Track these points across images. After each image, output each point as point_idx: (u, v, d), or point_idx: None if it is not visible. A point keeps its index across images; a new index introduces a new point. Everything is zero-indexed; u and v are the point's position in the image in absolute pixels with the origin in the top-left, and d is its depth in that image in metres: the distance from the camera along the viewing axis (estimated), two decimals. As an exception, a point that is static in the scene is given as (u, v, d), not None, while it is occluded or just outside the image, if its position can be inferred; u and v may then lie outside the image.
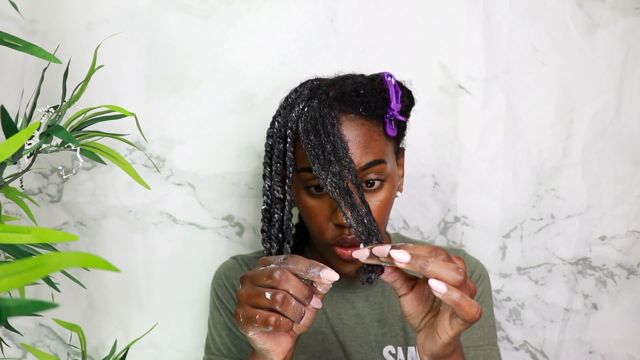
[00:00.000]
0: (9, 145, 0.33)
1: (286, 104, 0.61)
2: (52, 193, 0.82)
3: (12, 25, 0.77)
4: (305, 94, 0.59)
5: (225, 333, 0.69)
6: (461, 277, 0.42)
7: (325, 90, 0.58)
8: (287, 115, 0.58)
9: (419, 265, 0.42)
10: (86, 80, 0.57)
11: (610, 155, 0.90)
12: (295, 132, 0.57)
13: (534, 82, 0.88)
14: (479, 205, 0.89)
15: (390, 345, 0.68)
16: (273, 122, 0.61)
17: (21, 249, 0.49)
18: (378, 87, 0.59)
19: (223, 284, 0.72)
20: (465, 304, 0.42)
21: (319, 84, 0.61)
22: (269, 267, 0.45)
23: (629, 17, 0.88)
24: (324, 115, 0.54)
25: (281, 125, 0.58)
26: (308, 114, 0.55)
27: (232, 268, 0.73)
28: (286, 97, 0.62)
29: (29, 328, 0.83)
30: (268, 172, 0.59)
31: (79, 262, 0.24)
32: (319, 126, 0.53)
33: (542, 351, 0.92)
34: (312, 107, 0.56)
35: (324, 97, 0.56)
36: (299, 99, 0.59)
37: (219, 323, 0.70)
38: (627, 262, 0.91)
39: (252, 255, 0.75)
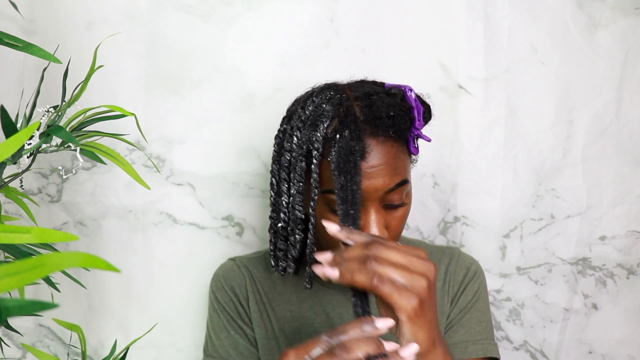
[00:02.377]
0: (9, 145, 0.33)
1: (305, 117, 0.57)
2: (52, 193, 0.82)
3: (12, 25, 0.77)
4: (328, 110, 0.56)
5: (224, 336, 0.69)
6: (375, 282, 0.42)
7: (352, 111, 0.56)
8: (310, 133, 0.55)
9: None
10: (86, 80, 0.57)
11: (610, 155, 0.90)
12: (322, 154, 0.55)
13: (534, 82, 0.88)
14: (479, 205, 0.89)
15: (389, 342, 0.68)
16: (290, 134, 0.57)
17: (21, 249, 0.48)
18: (404, 106, 0.57)
19: (222, 286, 0.71)
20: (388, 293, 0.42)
21: (340, 97, 0.57)
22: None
23: (629, 17, 0.88)
24: (352, 151, 0.53)
25: (303, 143, 0.56)
26: (340, 145, 0.53)
27: (230, 270, 0.72)
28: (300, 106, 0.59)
29: (28, 328, 0.83)
30: (285, 189, 0.57)
31: (79, 262, 0.24)
32: (348, 165, 0.53)
33: (542, 351, 0.92)
34: (344, 138, 0.54)
35: (354, 127, 0.54)
36: (323, 116, 0.55)
37: (217, 326, 0.70)
38: (627, 262, 0.91)
39: (250, 256, 0.75)
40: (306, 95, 0.61)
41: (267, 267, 0.72)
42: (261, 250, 0.76)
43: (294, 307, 0.69)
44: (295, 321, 0.68)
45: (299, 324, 0.68)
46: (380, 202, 0.56)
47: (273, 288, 0.70)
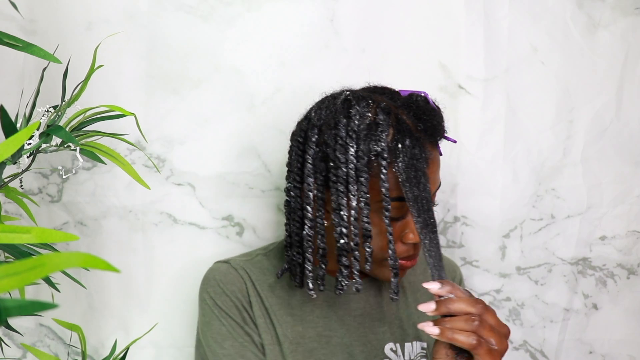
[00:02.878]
0: (9, 145, 0.33)
1: (355, 127, 0.56)
2: (52, 193, 0.82)
3: (12, 25, 0.77)
4: (383, 119, 0.56)
5: (229, 344, 0.64)
6: (474, 342, 0.48)
7: (402, 119, 0.57)
8: (370, 144, 0.56)
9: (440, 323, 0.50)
10: (86, 80, 0.57)
11: (610, 155, 0.90)
12: (386, 166, 0.55)
13: (534, 82, 0.88)
14: (479, 205, 0.89)
15: (390, 342, 0.68)
16: (343, 145, 0.56)
17: (21, 249, 0.49)
18: (439, 112, 0.61)
19: (222, 291, 0.67)
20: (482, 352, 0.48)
21: (385, 107, 0.58)
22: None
23: (629, 17, 0.88)
24: (418, 160, 0.56)
25: (364, 154, 0.56)
26: (406, 156, 0.56)
27: (227, 274, 0.68)
28: (343, 115, 0.58)
29: (29, 328, 0.83)
30: (345, 203, 0.56)
31: (79, 262, 0.24)
32: (418, 175, 0.56)
33: (542, 351, 0.92)
34: (406, 147, 0.56)
35: (412, 136, 0.57)
36: (380, 126, 0.56)
37: (219, 334, 0.65)
38: (627, 262, 0.91)
39: (243, 259, 0.71)
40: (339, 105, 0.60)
41: (262, 271, 0.69)
42: (250, 253, 0.74)
43: (295, 310, 0.67)
44: (298, 325, 0.66)
45: (302, 327, 0.66)
46: None
47: (271, 292, 0.68)
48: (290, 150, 0.65)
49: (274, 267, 0.70)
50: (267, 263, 0.70)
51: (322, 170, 0.59)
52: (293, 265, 0.64)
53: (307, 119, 0.63)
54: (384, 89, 0.64)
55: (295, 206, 0.62)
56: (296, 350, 0.65)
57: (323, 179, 0.59)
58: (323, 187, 0.60)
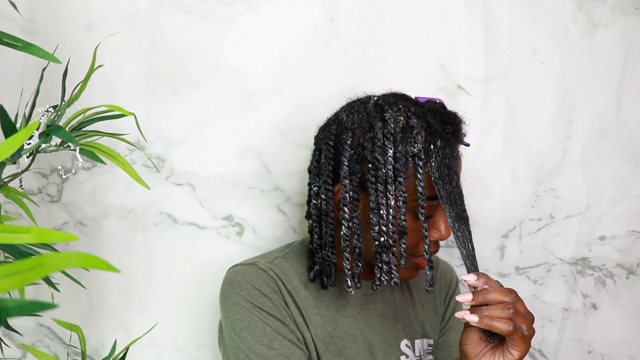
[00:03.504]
0: (9, 145, 0.33)
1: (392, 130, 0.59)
2: (52, 193, 0.82)
3: (12, 25, 0.77)
4: (416, 122, 0.60)
5: (278, 344, 0.62)
6: (511, 328, 0.52)
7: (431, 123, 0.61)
8: (407, 145, 0.59)
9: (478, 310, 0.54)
10: (85, 79, 0.57)
11: (610, 155, 0.90)
12: (422, 166, 0.59)
13: (533, 82, 0.88)
14: (478, 205, 0.89)
15: (405, 339, 0.72)
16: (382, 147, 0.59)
17: (21, 249, 0.49)
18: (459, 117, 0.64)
19: (259, 292, 0.65)
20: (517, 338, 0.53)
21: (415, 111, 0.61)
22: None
23: (629, 17, 0.88)
24: (449, 159, 0.60)
25: (402, 155, 0.59)
26: (438, 156, 0.59)
27: (258, 275, 0.66)
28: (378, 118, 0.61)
29: (28, 328, 0.83)
30: (384, 202, 0.59)
31: (79, 262, 0.24)
32: (450, 172, 0.59)
33: (541, 350, 0.92)
34: (438, 148, 0.59)
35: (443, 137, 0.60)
36: (414, 129, 0.59)
37: (265, 335, 0.62)
38: (626, 262, 0.91)
39: (265, 261, 0.69)
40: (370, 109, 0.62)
41: (284, 272, 0.68)
42: (266, 255, 0.72)
43: (322, 311, 0.68)
44: (327, 325, 0.67)
45: (331, 327, 0.68)
46: None
47: (297, 293, 0.68)
48: (318, 154, 0.66)
49: (294, 270, 0.70)
50: (287, 265, 0.70)
51: (357, 172, 0.61)
52: (327, 266, 0.66)
53: (337, 122, 0.64)
54: (404, 95, 0.67)
55: (328, 208, 0.64)
56: (327, 350, 0.67)
57: (358, 180, 0.61)
58: (358, 188, 0.61)
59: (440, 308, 0.78)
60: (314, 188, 0.65)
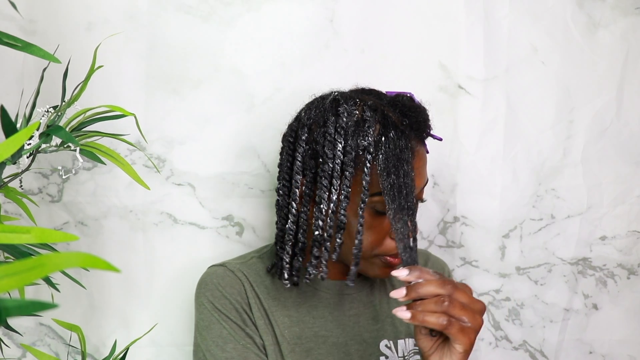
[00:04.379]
0: (9, 145, 0.33)
1: (343, 124, 0.59)
2: (53, 193, 0.82)
3: (12, 25, 0.77)
4: (370, 116, 0.58)
5: (231, 347, 0.64)
6: (445, 322, 0.49)
7: (388, 116, 0.59)
8: (358, 139, 0.58)
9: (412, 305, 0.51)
10: (86, 80, 0.57)
11: (610, 155, 0.90)
12: (370, 160, 0.58)
13: (534, 82, 0.88)
14: (479, 205, 0.89)
15: (385, 339, 0.70)
16: (332, 141, 0.58)
17: (21, 249, 0.49)
18: (425, 110, 0.63)
19: (221, 294, 0.66)
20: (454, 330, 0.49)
21: (372, 104, 0.60)
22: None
23: (629, 17, 0.88)
24: (402, 151, 0.57)
25: (352, 149, 0.58)
26: (387, 147, 0.57)
27: (225, 277, 0.68)
28: (332, 113, 0.60)
29: (29, 327, 0.83)
30: (326, 197, 0.58)
31: (79, 262, 0.24)
32: (398, 164, 0.57)
33: (542, 351, 0.92)
34: (390, 141, 0.57)
35: (398, 130, 0.58)
36: (367, 122, 0.58)
37: (220, 337, 0.64)
38: (627, 262, 0.91)
39: (238, 262, 0.71)
40: (328, 104, 0.62)
41: (258, 273, 0.70)
42: (244, 256, 0.74)
43: (291, 312, 0.68)
44: (295, 326, 0.67)
45: (299, 328, 0.67)
46: None
47: (267, 294, 0.68)
48: (282, 151, 0.66)
49: (267, 269, 0.71)
50: (261, 265, 0.71)
51: (312, 168, 0.61)
52: (278, 260, 0.66)
53: (297, 119, 0.65)
54: (371, 90, 0.66)
55: (283, 203, 0.64)
56: (294, 351, 0.66)
57: (312, 176, 0.61)
58: (312, 184, 0.61)
59: None
60: (277, 184, 0.66)
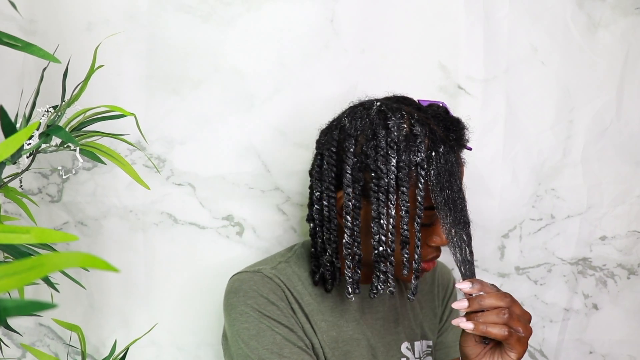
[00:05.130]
0: (8, 145, 0.33)
1: (396, 138, 0.59)
2: (53, 193, 0.82)
3: (12, 25, 0.77)
4: (420, 130, 0.59)
5: (288, 351, 0.62)
6: (506, 333, 0.53)
7: (434, 129, 0.60)
8: (411, 154, 0.59)
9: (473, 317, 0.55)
10: (86, 80, 0.57)
11: (610, 155, 0.90)
12: (424, 175, 0.58)
13: (534, 82, 0.88)
14: (478, 205, 0.89)
15: (405, 341, 0.72)
16: (385, 156, 0.59)
17: (20, 249, 0.49)
18: (462, 122, 0.64)
19: (266, 300, 0.64)
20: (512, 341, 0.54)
21: (419, 118, 0.60)
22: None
23: (629, 17, 0.88)
24: (453, 165, 0.59)
25: (405, 165, 0.58)
26: (439, 162, 0.58)
27: (264, 283, 0.66)
28: (381, 126, 0.60)
29: (28, 327, 0.83)
30: (385, 212, 0.59)
31: (78, 262, 0.24)
32: (452, 179, 0.59)
33: (541, 350, 0.92)
34: (440, 155, 0.59)
35: (450, 145, 0.60)
36: (418, 137, 0.59)
37: (274, 344, 0.62)
38: (627, 262, 0.91)
39: (270, 267, 0.69)
40: (373, 116, 0.61)
41: (289, 279, 0.68)
42: (268, 260, 0.72)
43: (327, 316, 0.68)
44: (332, 330, 0.68)
45: (335, 332, 0.68)
46: None
47: (302, 299, 0.68)
48: (320, 159, 0.65)
49: (297, 275, 0.69)
50: (290, 271, 0.70)
51: (360, 180, 0.60)
52: (328, 271, 0.66)
53: (340, 128, 0.63)
54: (405, 98, 0.66)
55: (331, 215, 0.63)
56: (334, 355, 0.67)
57: (361, 188, 0.61)
58: (360, 196, 0.61)
59: (438, 310, 0.78)
60: (316, 193, 0.64)
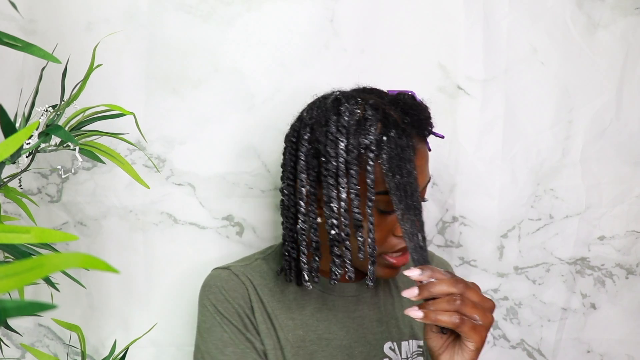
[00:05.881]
0: (8, 145, 0.33)
1: (345, 123, 0.58)
2: (52, 193, 0.82)
3: (12, 25, 0.77)
4: (371, 114, 0.58)
5: (230, 350, 0.64)
6: (457, 321, 0.49)
7: (390, 114, 0.59)
8: (360, 138, 0.58)
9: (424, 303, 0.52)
10: (85, 79, 0.57)
11: (609, 155, 0.90)
12: (373, 158, 0.57)
13: (533, 83, 0.88)
14: (477, 205, 0.89)
15: (389, 341, 0.70)
16: (334, 140, 0.58)
17: (20, 249, 0.49)
18: (427, 108, 0.63)
19: (224, 298, 0.67)
20: (466, 329, 0.50)
21: (373, 103, 0.60)
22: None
23: (629, 17, 0.88)
24: (404, 150, 0.57)
25: (354, 148, 0.58)
26: (390, 146, 0.57)
27: (229, 280, 0.68)
28: (333, 113, 0.60)
29: (28, 328, 0.83)
30: (335, 195, 0.58)
31: (78, 262, 0.24)
32: (402, 164, 0.56)
33: (539, 350, 0.92)
34: (392, 139, 0.57)
35: (400, 128, 0.58)
36: (369, 121, 0.58)
37: (220, 340, 0.65)
38: (626, 262, 0.91)
39: (243, 264, 0.71)
40: (329, 104, 0.62)
41: (262, 275, 0.70)
42: (248, 257, 0.74)
43: (295, 314, 0.68)
44: (299, 329, 0.67)
45: (303, 331, 0.67)
46: None
47: (272, 296, 0.68)
48: (284, 151, 0.66)
49: (272, 271, 0.71)
50: (266, 267, 0.71)
51: (315, 167, 0.61)
52: (287, 261, 0.66)
53: (299, 119, 0.65)
54: (372, 89, 0.66)
55: (289, 203, 0.64)
56: (297, 354, 0.66)
57: (315, 175, 0.61)
58: (315, 183, 0.61)
59: None
60: (282, 184, 0.66)
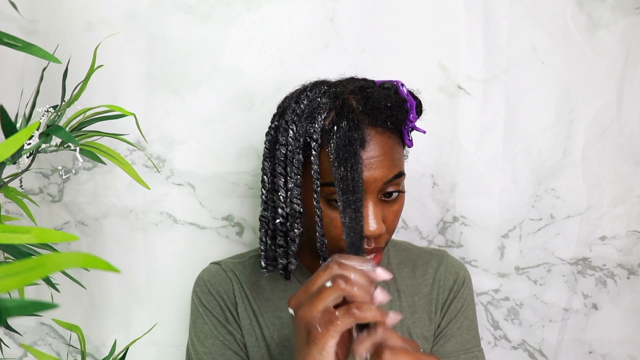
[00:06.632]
0: (9, 145, 0.33)
1: (300, 111, 0.56)
2: (53, 193, 0.82)
3: (12, 25, 0.77)
4: (325, 102, 0.55)
5: (210, 342, 0.65)
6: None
7: (348, 102, 0.56)
8: (307, 125, 0.55)
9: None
10: (86, 79, 0.58)
11: (610, 155, 0.90)
12: (321, 146, 0.54)
13: (533, 82, 0.88)
14: (478, 205, 0.89)
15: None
16: (285, 128, 0.56)
17: (21, 249, 0.49)
18: (399, 98, 0.58)
19: (208, 290, 0.68)
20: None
21: (335, 91, 0.57)
22: (321, 269, 0.46)
23: (629, 17, 0.88)
24: (351, 142, 0.53)
25: (300, 135, 0.55)
26: (338, 135, 0.53)
27: (216, 275, 0.69)
28: (294, 101, 0.58)
29: (29, 327, 0.83)
30: (282, 183, 0.56)
31: (79, 262, 0.24)
32: (346, 156, 0.53)
33: (541, 350, 0.92)
34: (342, 129, 0.53)
35: (352, 118, 0.54)
36: (320, 109, 0.55)
37: (202, 332, 0.66)
38: (627, 262, 0.91)
39: (235, 261, 0.72)
40: (298, 91, 0.61)
41: (254, 272, 0.69)
42: (243, 254, 0.74)
43: (283, 313, 0.67)
44: (285, 328, 0.66)
45: (289, 331, 0.66)
46: (378, 195, 0.56)
47: (260, 294, 0.68)
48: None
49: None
50: (258, 264, 0.70)
51: (273, 155, 0.60)
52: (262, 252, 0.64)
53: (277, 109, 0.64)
54: (360, 79, 0.62)
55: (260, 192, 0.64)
56: (282, 354, 0.65)
57: (271, 163, 0.60)
58: (273, 171, 0.60)
59: (435, 315, 0.70)
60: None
